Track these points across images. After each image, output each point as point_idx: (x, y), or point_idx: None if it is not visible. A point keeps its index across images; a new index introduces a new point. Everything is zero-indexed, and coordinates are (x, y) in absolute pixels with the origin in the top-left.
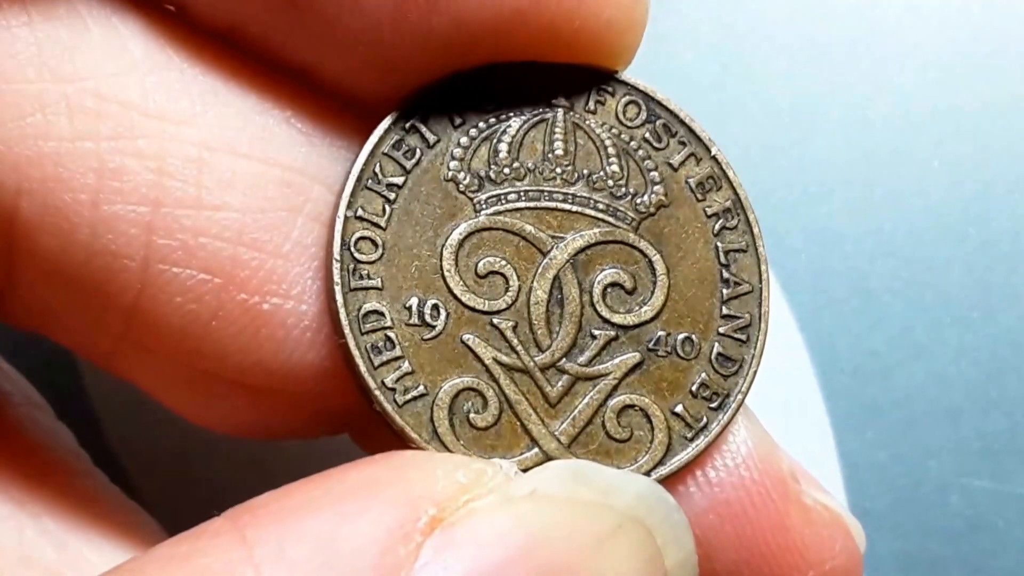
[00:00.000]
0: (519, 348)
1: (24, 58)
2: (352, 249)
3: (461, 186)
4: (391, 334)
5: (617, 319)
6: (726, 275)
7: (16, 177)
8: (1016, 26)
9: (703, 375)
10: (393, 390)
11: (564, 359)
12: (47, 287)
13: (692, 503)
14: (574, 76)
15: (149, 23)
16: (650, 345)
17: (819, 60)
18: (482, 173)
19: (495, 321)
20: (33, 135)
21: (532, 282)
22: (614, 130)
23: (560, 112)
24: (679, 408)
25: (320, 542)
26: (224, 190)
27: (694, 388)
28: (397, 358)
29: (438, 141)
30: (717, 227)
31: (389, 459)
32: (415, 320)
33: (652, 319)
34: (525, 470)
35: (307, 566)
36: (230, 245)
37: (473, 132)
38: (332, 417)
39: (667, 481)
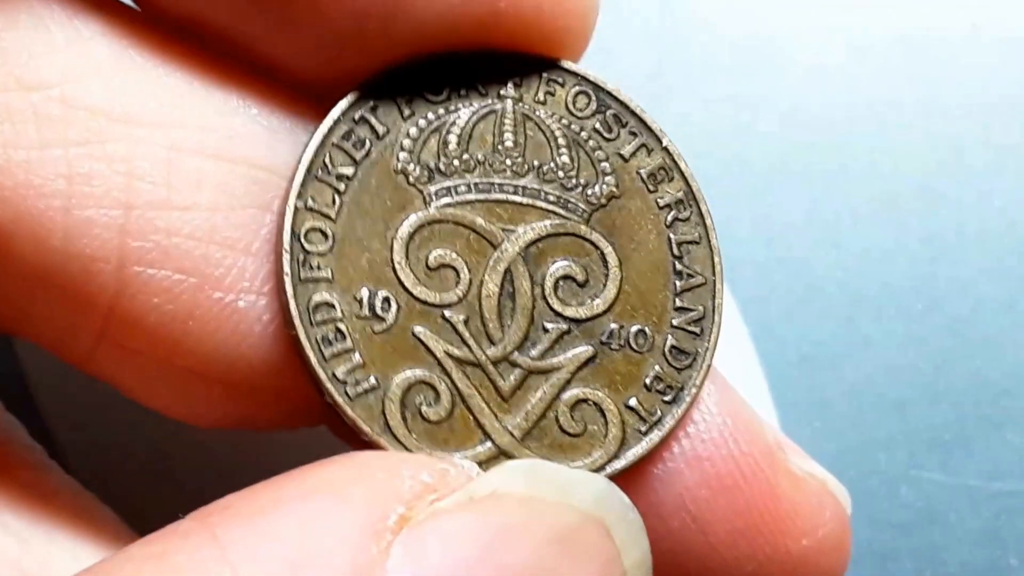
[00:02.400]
0: (471, 341)
1: None
2: (302, 240)
3: (411, 178)
4: (342, 326)
5: (569, 312)
6: (679, 267)
7: None
8: (954, 14)
9: (657, 368)
10: (344, 382)
11: (516, 352)
12: (24, 292)
13: (683, 480)
14: (524, 66)
15: (111, 24)
16: (603, 338)
17: (760, 51)
18: (432, 165)
19: (446, 314)
20: (2, 144)
21: (483, 275)
22: (564, 121)
23: (509, 103)
24: (633, 402)
25: (294, 541)
26: (193, 190)
27: (648, 381)
28: (348, 350)
29: (387, 132)
30: (669, 218)
31: (354, 459)
32: (366, 312)
33: (605, 312)
34: (481, 464)
35: (283, 564)
36: (202, 244)
37: (422, 123)
38: (312, 408)
39: (649, 461)
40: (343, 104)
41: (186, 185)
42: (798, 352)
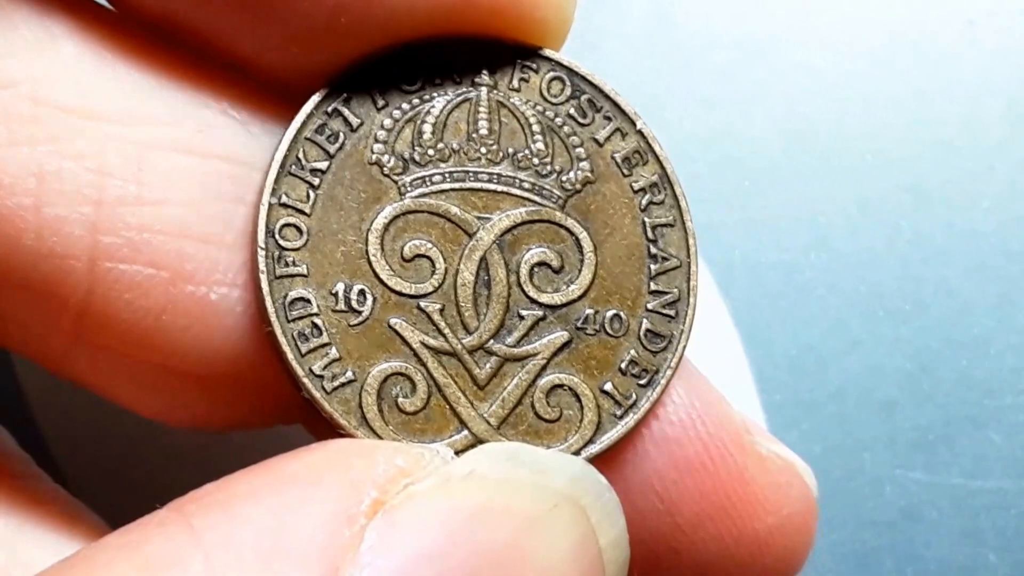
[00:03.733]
0: (446, 331)
1: None
2: (277, 236)
3: (385, 169)
4: (318, 321)
5: (544, 299)
6: (654, 250)
7: None
8: (948, 16)
9: (632, 352)
10: (321, 377)
11: (492, 341)
12: None
13: (652, 462)
14: (499, 53)
15: (80, 22)
16: (578, 324)
17: (754, 52)
18: (406, 155)
19: (422, 304)
20: None
21: (459, 264)
22: (539, 107)
23: (484, 90)
24: (608, 386)
25: (267, 527)
26: (165, 186)
27: (623, 365)
28: (324, 345)
29: (361, 124)
30: (644, 202)
31: (328, 447)
32: (342, 306)
33: (580, 297)
34: (458, 453)
35: (256, 550)
36: (174, 239)
37: (396, 113)
38: (288, 404)
39: (621, 444)
40: (316, 98)
41: (157, 181)
42: (786, 354)
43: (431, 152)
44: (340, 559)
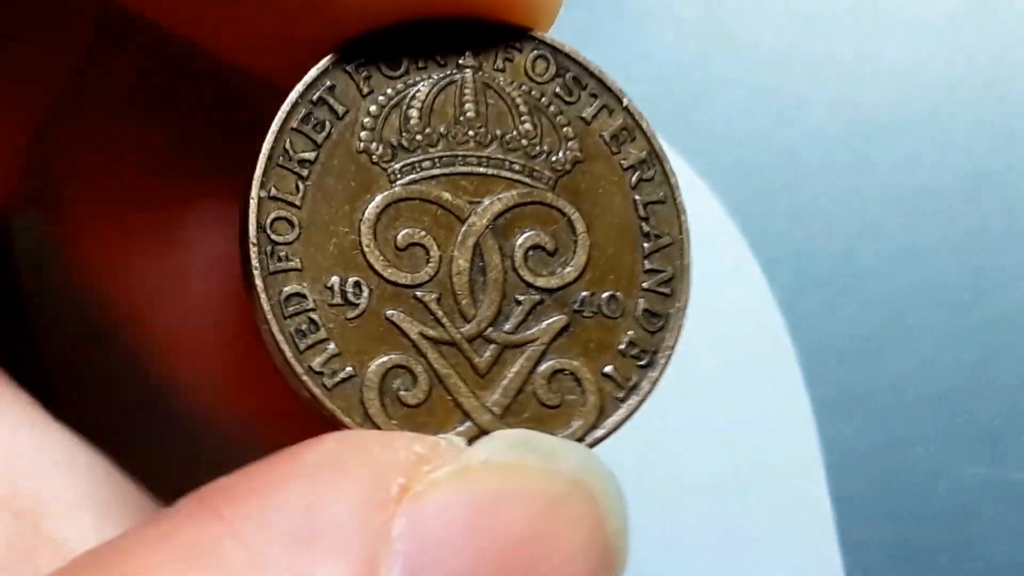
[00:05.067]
0: (444, 320)
1: None
2: (268, 231)
3: (374, 157)
4: (314, 316)
5: (540, 282)
6: (646, 228)
7: None
8: (1010, 3)
9: (630, 333)
10: (321, 373)
11: (490, 328)
12: None
13: None
14: (481, 34)
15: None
16: (575, 306)
17: (807, 37)
18: (394, 142)
19: (418, 294)
20: None
21: (453, 251)
22: (524, 87)
23: (469, 72)
24: (609, 369)
25: (299, 514)
26: None
27: (622, 347)
28: (322, 340)
29: (347, 112)
30: (634, 179)
31: (343, 436)
32: (338, 300)
33: (575, 280)
34: (468, 443)
35: (292, 536)
36: None
37: (382, 99)
38: None
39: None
40: (299, 87)
41: None
42: (838, 346)
43: (419, 137)
44: (377, 545)
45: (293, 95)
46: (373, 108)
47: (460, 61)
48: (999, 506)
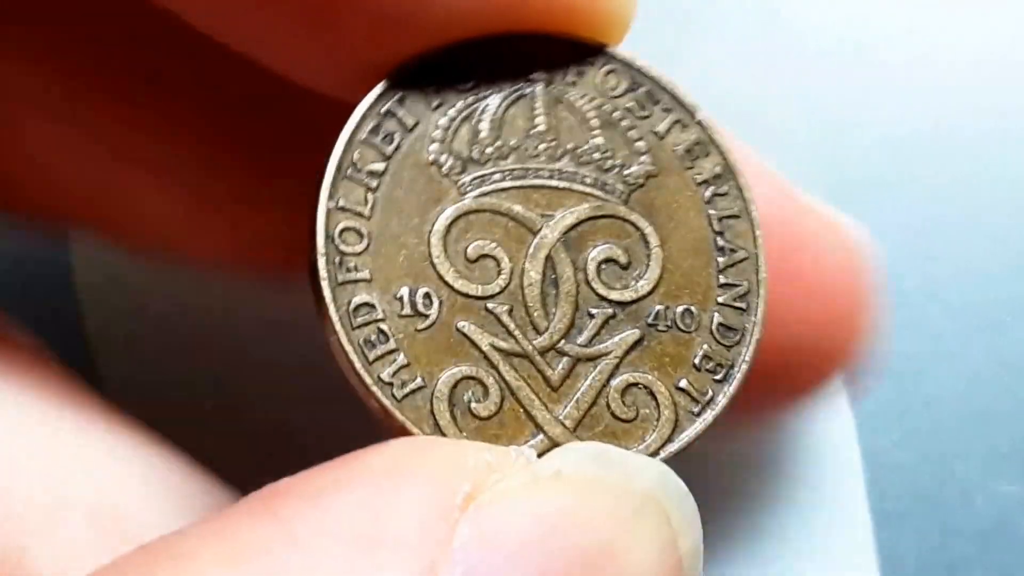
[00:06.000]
0: (516, 332)
1: None
2: (337, 241)
3: (444, 169)
4: (383, 327)
5: (614, 296)
6: (721, 243)
7: None
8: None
9: (705, 347)
10: (390, 384)
11: (563, 341)
12: None
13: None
14: (551, 49)
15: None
16: (649, 320)
17: (868, 46)
18: (464, 154)
19: (490, 306)
20: None
21: (524, 263)
22: (596, 101)
23: (540, 87)
24: (683, 383)
25: (360, 518)
26: None
27: (697, 361)
28: (392, 351)
29: (416, 124)
30: (708, 194)
31: (413, 442)
32: (407, 311)
33: (649, 293)
34: (539, 455)
35: (352, 541)
36: None
37: (452, 113)
38: None
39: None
40: (369, 99)
41: None
42: (881, 362)
43: (489, 150)
44: (437, 553)
45: (362, 107)
46: (443, 121)
47: (531, 75)
48: None
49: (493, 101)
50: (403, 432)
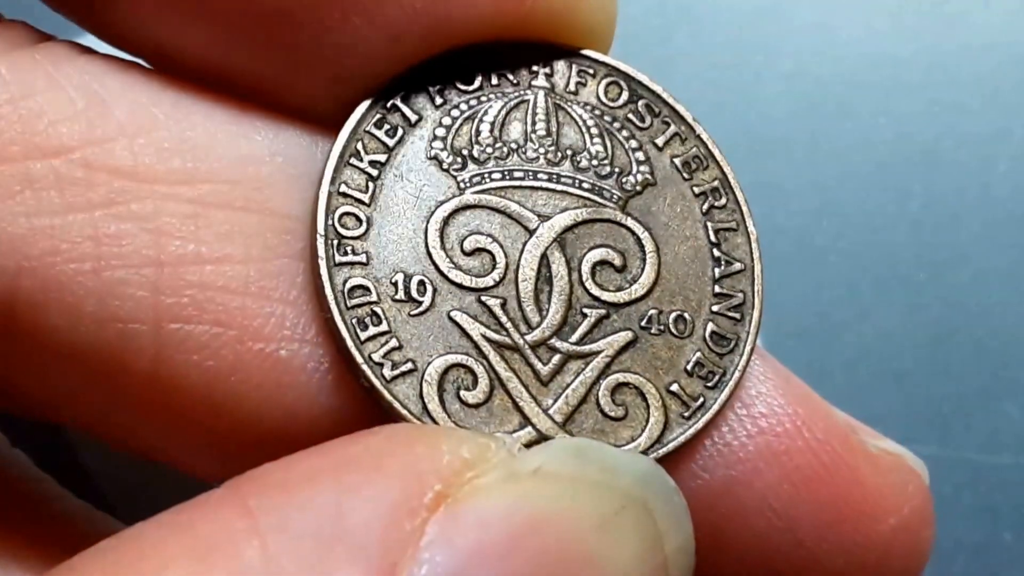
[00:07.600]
0: (508, 325)
1: (7, 137)
2: (336, 224)
3: (444, 164)
4: (377, 309)
5: (608, 297)
6: (717, 253)
7: (14, 257)
8: None
9: (698, 354)
10: (380, 364)
11: (555, 337)
12: (57, 369)
13: (763, 478)
14: (554, 56)
15: (129, 84)
16: (642, 323)
17: (763, 13)
18: (465, 152)
19: (483, 298)
20: (24, 212)
21: (519, 260)
22: (596, 111)
23: (541, 93)
24: (674, 387)
25: (326, 514)
26: (224, 243)
27: (689, 367)
28: (384, 333)
29: (419, 120)
30: (706, 206)
31: (393, 431)
32: (401, 295)
33: (643, 297)
34: (526, 446)
35: (313, 538)
36: (238, 296)
37: (455, 112)
38: None
39: (728, 462)
40: (375, 94)
41: (215, 239)
42: (797, 324)
43: (490, 149)
44: (399, 553)
45: (368, 100)
46: (446, 119)
47: (533, 82)
48: (956, 486)
49: (495, 104)
50: (391, 412)
